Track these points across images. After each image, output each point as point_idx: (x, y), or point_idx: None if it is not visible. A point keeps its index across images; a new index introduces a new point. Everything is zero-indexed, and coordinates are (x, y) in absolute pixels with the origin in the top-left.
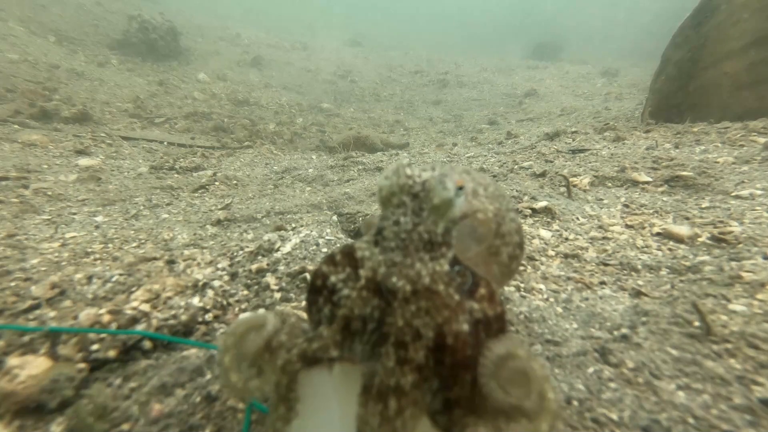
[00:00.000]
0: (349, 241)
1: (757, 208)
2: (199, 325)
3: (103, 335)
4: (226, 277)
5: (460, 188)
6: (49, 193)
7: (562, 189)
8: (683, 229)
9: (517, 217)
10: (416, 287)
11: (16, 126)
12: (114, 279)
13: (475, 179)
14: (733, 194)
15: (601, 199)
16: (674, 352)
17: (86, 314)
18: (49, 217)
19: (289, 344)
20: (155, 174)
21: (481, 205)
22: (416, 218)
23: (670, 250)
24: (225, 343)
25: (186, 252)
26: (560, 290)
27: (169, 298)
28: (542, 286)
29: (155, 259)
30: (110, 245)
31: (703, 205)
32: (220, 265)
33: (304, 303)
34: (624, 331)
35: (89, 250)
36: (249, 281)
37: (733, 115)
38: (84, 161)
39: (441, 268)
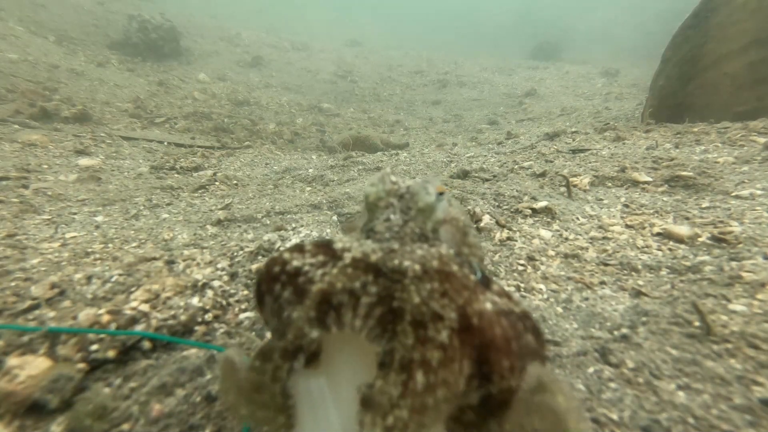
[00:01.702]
0: None
1: (757, 208)
2: (199, 325)
3: (102, 335)
4: (226, 277)
5: (441, 194)
6: (49, 193)
7: (562, 189)
8: (683, 229)
9: (475, 233)
10: (426, 267)
11: (16, 126)
12: (113, 279)
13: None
14: (733, 194)
15: (601, 199)
16: (674, 352)
17: (85, 314)
18: (49, 217)
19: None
20: (155, 174)
21: (455, 213)
22: (405, 216)
23: (670, 250)
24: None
25: (186, 252)
26: (560, 290)
27: (169, 298)
28: (542, 286)
29: (155, 259)
30: (110, 245)
31: (703, 205)
32: (219, 265)
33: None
34: (624, 331)
35: (89, 250)
36: (249, 281)
37: (733, 115)
38: (84, 161)
39: (447, 252)
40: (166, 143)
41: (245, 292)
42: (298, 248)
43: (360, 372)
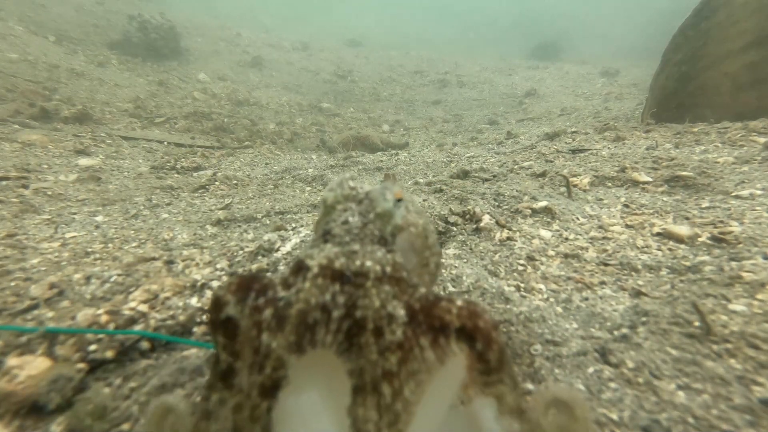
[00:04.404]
0: None
1: (757, 208)
2: (198, 325)
3: (100, 336)
4: (225, 278)
5: (399, 200)
6: (49, 193)
7: (562, 189)
8: (683, 229)
9: (433, 229)
10: (385, 270)
11: (16, 126)
12: (112, 279)
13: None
14: (733, 194)
15: (601, 199)
16: (674, 352)
17: (84, 315)
18: (49, 217)
19: (248, 385)
20: (155, 174)
21: (413, 219)
22: (364, 219)
23: (670, 250)
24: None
25: (185, 252)
26: (560, 290)
27: (168, 298)
28: (542, 286)
29: (154, 259)
30: (110, 245)
31: (703, 205)
32: (219, 266)
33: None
34: (624, 331)
35: (89, 250)
36: None
37: (733, 115)
38: (84, 161)
39: (400, 260)
40: (166, 143)
41: None
42: (284, 282)
43: (336, 383)
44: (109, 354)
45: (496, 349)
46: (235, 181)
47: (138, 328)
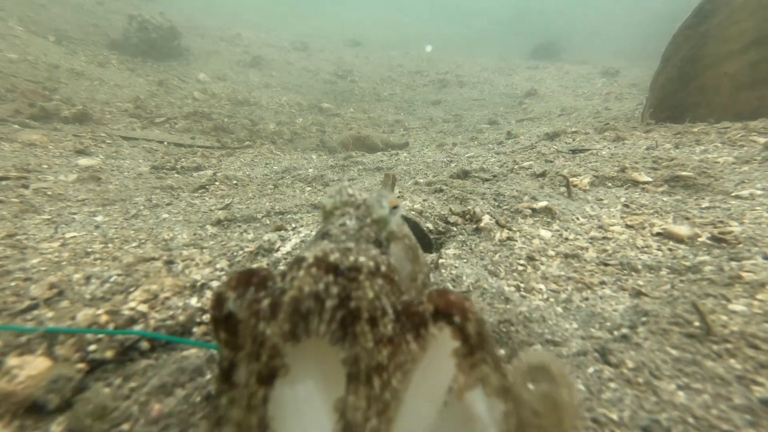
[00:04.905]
0: None
1: (757, 208)
2: (197, 325)
3: (100, 336)
4: (225, 278)
5: (395, 208)
6: (49, 193)
7: (562, 189)
8: (683, 229)
9: (423, 252)
10: (379, 267)
11: (16, 126)
12: (112, 279)
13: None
14: (733, 194)
15: (601, 199)
16: (674, 352)
17: (84, 315)
18: (49, 217)
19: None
20: (155, 174)
21: (407, 231)
22: (361, 222)
23: (670, 250)
24: None
25: (185, 252)
26: (560, 290)
27: (167, 298)
28: (542, 286)
29: (154, 259)
30: (110, 245)
31: (703, 205)
32: (218, 266)
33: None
34: (624, 331)
35: (89, 250)
36: None
37: (732, 115)
38: (84, 161)
39: (393, 262)
40: (166, 143)
41: None
42: (283, 275)
43: (329, 373)
44: (109, 354)
45: (473, 319)
46: (235, 181)
47: (138, 328)
